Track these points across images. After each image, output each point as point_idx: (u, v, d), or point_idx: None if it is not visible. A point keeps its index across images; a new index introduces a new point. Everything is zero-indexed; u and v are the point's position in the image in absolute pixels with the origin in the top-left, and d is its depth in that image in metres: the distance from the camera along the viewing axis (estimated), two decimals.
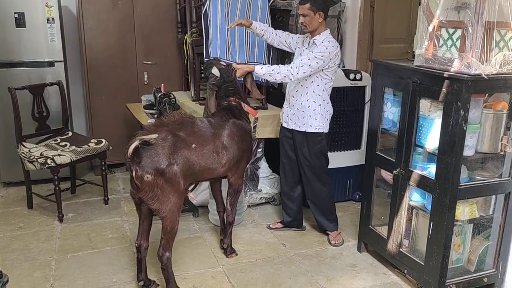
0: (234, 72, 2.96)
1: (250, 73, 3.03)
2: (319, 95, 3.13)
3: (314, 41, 3.07)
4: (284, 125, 3.32)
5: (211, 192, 3.31)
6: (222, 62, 3.01)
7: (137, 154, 2.42)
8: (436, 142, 2.50)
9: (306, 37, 3.20)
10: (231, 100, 2.97)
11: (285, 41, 3.27)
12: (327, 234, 3.44)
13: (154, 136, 2.45)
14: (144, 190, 2.46)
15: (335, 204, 3.47)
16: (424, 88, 2.55)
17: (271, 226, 3.61)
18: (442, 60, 2.44)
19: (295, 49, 3.26)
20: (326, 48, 2.99)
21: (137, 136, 2.44)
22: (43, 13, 4.18)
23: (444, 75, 2.37)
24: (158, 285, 2.81)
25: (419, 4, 2.66)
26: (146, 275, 2.79)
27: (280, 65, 3.04)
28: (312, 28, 3.05)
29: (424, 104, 2.59)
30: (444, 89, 2.39)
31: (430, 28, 2.49)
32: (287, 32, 3.34)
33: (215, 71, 2.94)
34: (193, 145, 2.63)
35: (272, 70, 2.96)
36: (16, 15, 4.12)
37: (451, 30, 2.41)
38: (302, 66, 2.96)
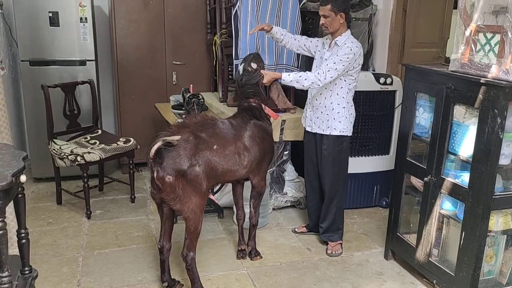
0: (261, 77, 2.94)
1: (276, 80, 3.01)
2: (343, 97, 3.08)
3: (335, 42, 3.02)
4: (308, 129, 3.27)
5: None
6: (253, 64, 2.98)
7: (159, 155, 2.42)
8: (471, 149, 2.43)
9: (326, 39, 3.16)
10: (251, 101, 2.96)
11: (304, 45, 3.23)
12: (327, 244, 3.35)
13: (177, 137, 2.45)
14: (166, 191, 2.46)
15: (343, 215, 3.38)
16: (459, 94, 2.48)
17: (296, 230, 3.58)
18: (479, 65, 2.37)
19: (315, 52, 3.22)
20: (351, 50, 2.94)
21: (160, 137, 2.44)
22: (76, 13, 4.26)
23: (481, 81, 2.29)
24: (183, 285, 2.81)
25: (454, 8, 2.60)
26: (170, 275, 2.80)
27: (307, 71, 3.01)
28: (333, 29, 3.00)
29: (459, 111, 2.52)
30: (480, 96, 2.32)
31: (467, 33, 2.42)
32: (305, 36, 3.31)
33: (240, 68, 2.99)
34: (215, 146, 2.62)
35: (300, 77, 2.93)
36: (51, 14, 4.21)
37: (489, 35, 2.34)
38: (329, 70, 2.92)
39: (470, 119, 2.47)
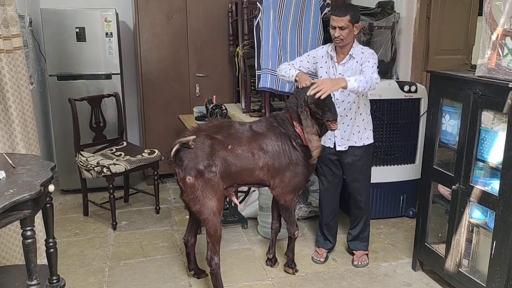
0: (301, 97, 2.74)
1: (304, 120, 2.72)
2: (365, 104, 3.05)
3: (351, 55, 2.90)
4: (340, 148, 3.06)
5: (259, 205, 3.26)
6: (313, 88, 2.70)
7: (179, 158, 2.57)
8: (500, 156, 2.36)
9: (331, 50, 2.97)
10: (282, 112, 2.93)
11: (300, 66, 3.03)
12: (353, 254, 3.30)
13: (192, 137, 2.59)
14: (187, 192, 2.59)
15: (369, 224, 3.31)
16: (486, 99, 2.43)
17: (314, 257, 3.33)
18: (507, 70, 2.31)
19: (315, 69, 3.05)
20: (372, 53, 2.85)
21: (177, 140, 2.58)
22: (102, 28, 4.37)
23: (509, 86, 2.24)
24: (207, 274, 2.90)
25: (479, 15, 2.55)
26: (196, 265, 3.02)
27: (362, 74, 2.75)
28: (348, 41, 2.87)
29: (487, 116, 2.47)
30: (508, 101, 2.26)
31: (494, 37, 2.37)
32: (299, 58, 3.11)
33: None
34: (229, 146, 2.68)
35: (364, 78, 2.65)
36: (77, 30, 4.33)
37: None
38: (373, 73, 2.74)
39: (499, 125, 2.41)
